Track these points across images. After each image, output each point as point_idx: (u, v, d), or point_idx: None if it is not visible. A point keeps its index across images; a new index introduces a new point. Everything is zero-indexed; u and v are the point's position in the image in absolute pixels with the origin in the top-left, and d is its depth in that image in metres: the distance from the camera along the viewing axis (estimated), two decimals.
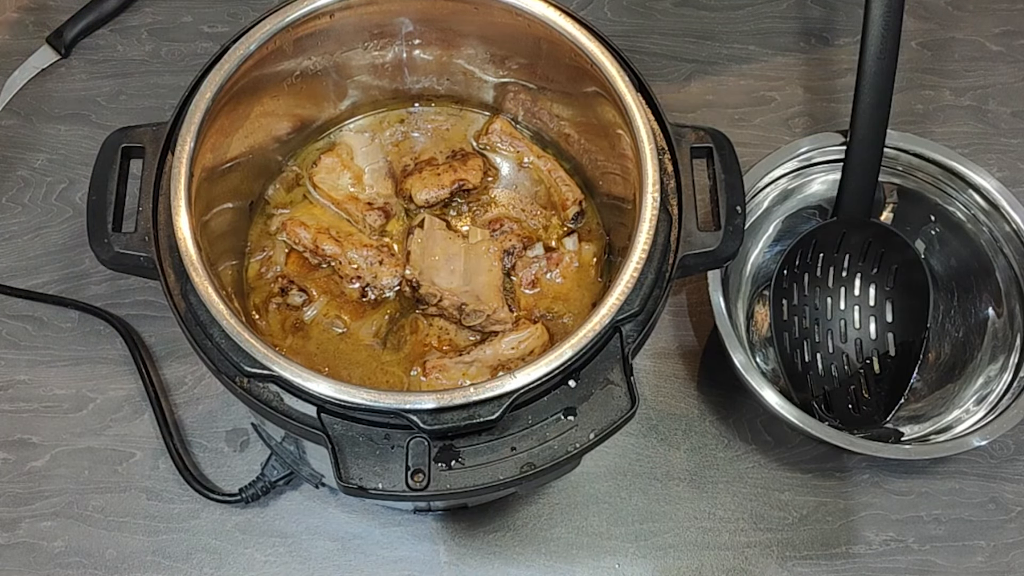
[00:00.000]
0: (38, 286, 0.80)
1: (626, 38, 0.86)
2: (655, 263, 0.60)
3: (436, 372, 0.66)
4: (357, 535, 0.73)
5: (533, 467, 0.55)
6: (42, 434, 0.76)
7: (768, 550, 0.74)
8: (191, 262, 0.59)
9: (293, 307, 0.70)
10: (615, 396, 0.56)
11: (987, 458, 0.78)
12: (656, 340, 0.81)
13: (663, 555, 0.74)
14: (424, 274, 0.70)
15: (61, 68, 0.90)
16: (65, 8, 0.91)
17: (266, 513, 0.74)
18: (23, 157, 0.86)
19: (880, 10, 0.71)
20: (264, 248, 0.73)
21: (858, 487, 0.76)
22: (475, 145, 0.77)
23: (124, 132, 0.65)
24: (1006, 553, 0.75)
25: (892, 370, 0.76)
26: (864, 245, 0.77)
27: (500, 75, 0.74)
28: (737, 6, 0.96)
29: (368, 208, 0.72)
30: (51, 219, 0.83)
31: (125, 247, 0.61)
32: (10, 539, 0.72)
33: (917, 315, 0.75)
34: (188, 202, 0.60)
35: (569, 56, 0.66)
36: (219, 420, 0.76)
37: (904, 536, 0.75)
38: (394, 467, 0.54)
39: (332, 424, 0.56)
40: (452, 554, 0.73)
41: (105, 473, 0.74)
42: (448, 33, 0.72)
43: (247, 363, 0.56)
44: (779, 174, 0.79)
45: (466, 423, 0.55)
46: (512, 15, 0.67)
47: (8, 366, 0.78)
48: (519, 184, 0.76)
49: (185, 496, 0.74)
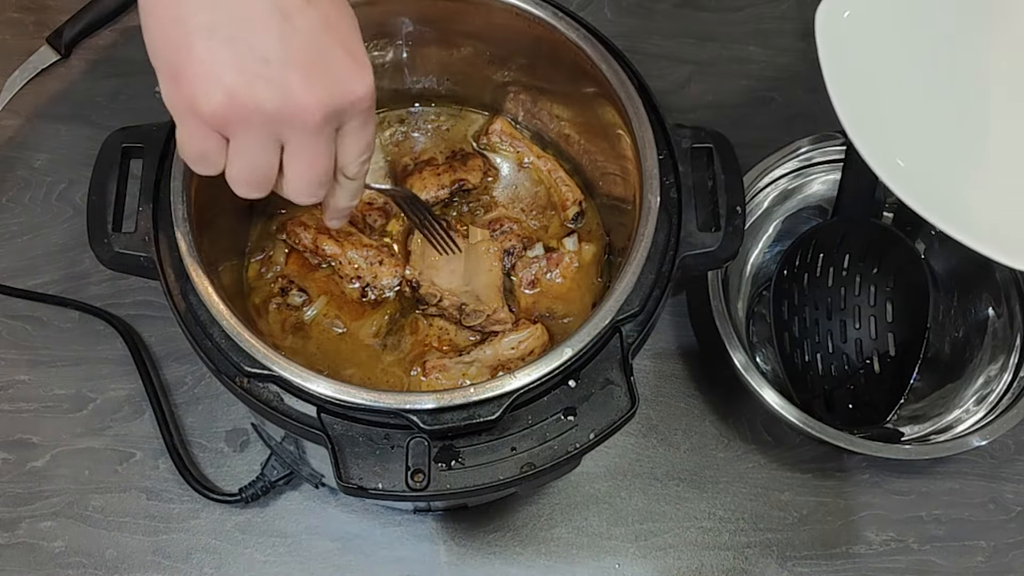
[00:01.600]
0: (38, 286, 0.80)
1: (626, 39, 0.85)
2: (655, 263, 0.60)
3: (436, 372, 0.66)
4: (357, 535, 0.73)
5: (533, 467, 0.55)
6: (42, 434, 0.76)
7: (768, 550, 0.74)
8: (191, 262, 0.59)
9: (293, 307, 0.70)
10: (615, 396, 0.56)
11: (987, 458, 0.78)
12: (656, 340, 0.81)
13: (663, 555, 0.74)
14: (424, 274, 0.70)
15: (61, 68, 0.90)
16: (65, 8, 0.91)
17: (266, 513, 0.74)
18: (23, 157, 0.86)
19: None
20: (264, 248, 0.73)
21: (858, 487, 0.76)
22: (475, 145, 0.77)
23: (124, 132, 0.65)
24: (1006, 553, 0.75)
25: (892, 370, 0.76)
26: (864, 245, 0.77)
27: (500, 75, 0.74)
28: (737, 7, 0.96)
29: (368, 208, 0.72)
30: (51, 219, 0.83)
31: (125, 247, 0.61)
32: (10, 539, 0.72)
33: (917, 315, 0.75)
34: (188, 202, 0.60)
35: (569, 57, 0.66)
36: (219, 420, 0.76)
37: (904, 536, 0.75)
38: (394, 467, 0.54)
39: (332, 424, 0.56)
40: (452, 554, 0.73)
41: (105, 473, 0.74)
42: (448, 33, 0.72)
43: (247, 363, 0.56)
44: (779, 174, 0.79)
45: (466, 423, 0.55)
46: (512, 15, 0.67)
47: (8, 366, 0.78)
48: (519, 184, 0.76)
49: (185, 496, 0.74)
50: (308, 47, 0.45)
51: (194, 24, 0.44)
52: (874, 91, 0.68)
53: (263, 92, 0.44)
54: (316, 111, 0.45)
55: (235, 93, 0.44)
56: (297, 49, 0.44)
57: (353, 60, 0.47)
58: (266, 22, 0.44)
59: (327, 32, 0.46)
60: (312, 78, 0.45)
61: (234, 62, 0.44)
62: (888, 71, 0.69)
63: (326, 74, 0.46)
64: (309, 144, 0.47)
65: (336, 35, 0.46)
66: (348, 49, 0.47)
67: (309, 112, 0.45)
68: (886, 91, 0.68)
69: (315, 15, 0.45)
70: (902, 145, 0.66)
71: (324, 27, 0.46)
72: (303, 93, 0.45)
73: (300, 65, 0.45)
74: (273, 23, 0.44)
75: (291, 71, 0.44)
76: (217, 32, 0.44)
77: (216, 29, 0.44)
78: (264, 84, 0.44)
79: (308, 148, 0.47)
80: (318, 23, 0.45)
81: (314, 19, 0.45)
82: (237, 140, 0.47)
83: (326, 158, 0.49)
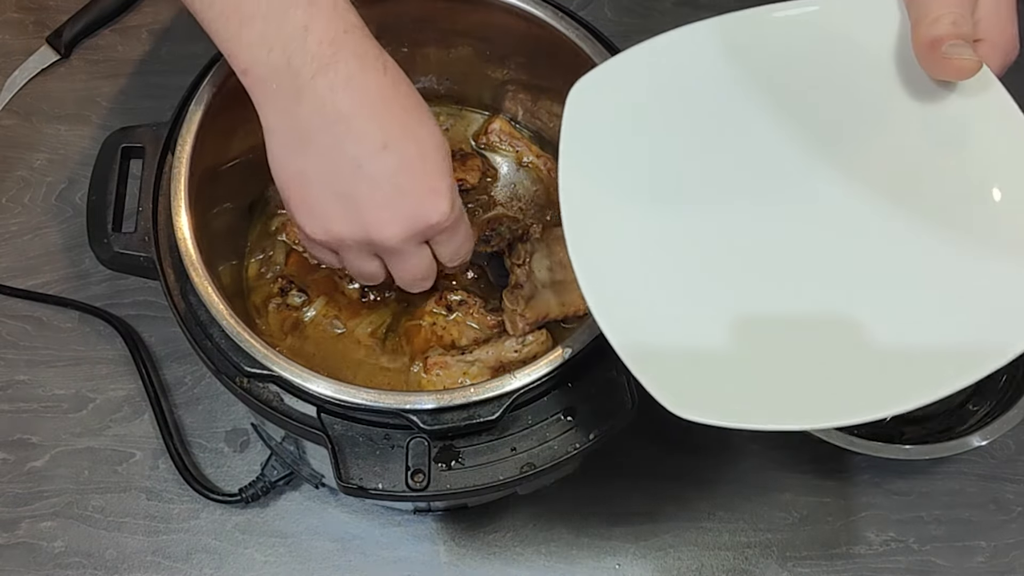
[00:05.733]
0: (38, 286, 0.80)
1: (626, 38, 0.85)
2: None
3: (437, 368, 0.66)
4: (357, 535, 0.73)
5: (533, 467, 0.55)
6: (42, 434, 0.76)
7: (768, 550, 0.74)
8: (191, 262, 0.59)
9: (293, 307, 0.70)
10: (615, 396, 0.56)
11: (987, 458, 0.78)
12: None
13: (663, 555, 0.74)
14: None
15: (61, 68, 0.90)
16: (65, 8, 0.91)
17: (266, 513, 0.74)
18: (23, 157, 0.86)
19: None
20: (264, 248, 0.73)
21: (858, 487, 0.76)
22: (474, 145, 0.77)
23: (124, 132, 0.65)
24: (1006, 553, 0.75)
25: None
26: None
27: (500, 75, 0.74)
28: (737, 6, 0.96)
29: None
30: (51, 219, 0.83)
31: (125, 247, 0.62)
32: (10, 539, 0.72)
33: None
34: (188, 202, 0.60)
35: (569, 56, 0.66)
36: (219, 420, 0.76)
37: (904, 536, 0.75)
38: (394, 467, 0.55)
39: (332, 424, 0.56)
40: (452, 554, 0.73)
41: (105, 473, 0.74)
42: (447, 33, 0.72)
43: (247, 363, 0.56)
44: None
45: (466, 423, 0.55)
46: (512, 15, 0.67)
47: (8, 366, 0.78)
48: (518, 183, 0.76)
49: (185, 496, 0.74)
50: (383, 188, 0.54)
51: (309, 174, 0.55)
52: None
53: (345, 229, 0.55)
54: (392, 239, 0.55)
55: (328, 230, 0.56)
56: (370, 191, 0.54)
57: (430, 192, 0.55)
58: (346, 169, 0.54)
59: (403, 172, 0.54)
60: (387, 213, 0.54)
61: (327, 204, 0.55)
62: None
63: (401, 209, 0.54)
64: (398, 258, 0.58)
65: (414, 173, 0.54)
66: (427, 183, 0.55)
67: (387, 239, 0.55)
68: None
69: (391, 160, 0.54)
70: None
71: (400, 168, 0.54)
72: (379, 227, 0.55)
73: (375, 204, 0.54)
74: (349, 171, 0.54)
75: (366, 211, 0.54)
76: (320, 181, 0.55)
77: (320, 179, 0.55)
78: (346, 223, 0.55)
79: (399, 260, 0.58)
80: (394, 166, 0.54)
81: (390, 163, 0.54)
82: (342, 255, 0.59)
83: (417, 265, 0.59)
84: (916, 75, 0.52)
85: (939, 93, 0.52)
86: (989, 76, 0.51)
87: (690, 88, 0.56)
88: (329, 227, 0.56)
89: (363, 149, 0.53)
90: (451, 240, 0.58)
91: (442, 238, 0.58)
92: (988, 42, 0.51)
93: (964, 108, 0.52)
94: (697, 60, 0.56)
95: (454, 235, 0.58)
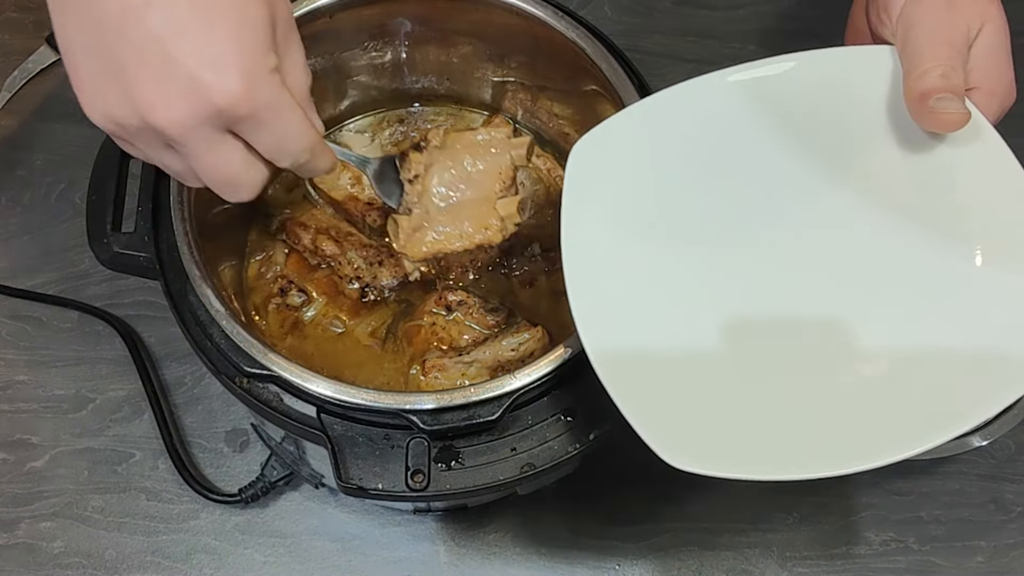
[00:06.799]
0: (38, 286, 0.80)
1: (626, 37, 0.86)
2: None
3: (435, 371, 0.66)
4: (357, 535, 0.73)
5: (533, 467, 0.55)
6: (42, 434, 0.75)
7: (768, 550, 0.74)
8: (191, 262, 0.59)
9: (292, 307, 0.70)
10: None
11: (987, 458, 0.78)
12: None
13: (663, 555, 0.74)
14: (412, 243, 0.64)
15: (61, 68, 0.90)
16: None
17: (266, 513, 0.74)
18: (23, 157, 0.86)
19: None
20: (264, 248, 0.73)
21: (858, 487, 0.76)
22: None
23: None
24: (1006, 553, 0.75)
25: None
26: None
27: (499, 74, 0.74)
28: (737, 5, 0.96)
29: (368, 208, 0.72)
30: (51, 219, 0.83)
31: (125, 247, 0.62)
32: (10, 539, 0.72)
33: None
34: (188, 202, 0.60)
35: (569, 55, 0.66)
36: (219, 420, 0.76)
37: (904, 536, 0.75)
38: (394, 467, 0.54)
39: (332, 424, 0.56)
40: (452, 554, 0.73)
41: (105, 473, 0.74)
42: (447, 32, 0.72)
43: (247, 363, 0.56)
44: None
45: (466, 423, 0.55)
46: (512, 14, 0.67)
47: (8, 366, 0.78)
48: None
49: (185, 496, 0.74)
50: (148, 57, 0.41)
51: (72, 40, 0.43)
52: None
53: (118, 110, 0.42)
54: (171, 125, 0.42)
55: (104, 112, 0.43)
56: (135, 61, 0.41)
57: (211, 63, 0.42)
58: (110, 32, 0.41)
59: (173, 36, 0.41)
60: (155, 88, 0.42)
61: (97, 80, 0.43)
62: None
63: (171, 85, 0.42)
64: (189, 151, 0.44)
65: (186, 36, 0.41)
66: (206, 50, 0.42)
67: (165, 125, 0.42)
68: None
69: (156, 18, 0.41)
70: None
71: (169, 30, 0.41)
72: (150, 108, 0.42)
73: (143, 78, 0.41)
74: (113, 34, 0.41)
75: (133, 87, 0.42)
76: (84, 50, 0.43)
77: (83, 47, 0.43)
78: (118, 103, 0.42)
79: (191, 155, 0.45)
80: (159, 26, 0.41)
81: (154, 22, 0.41)
82: (136, 147, 0.46)
83: (216, 164, 0.45)
84: (909, 123, 0.53)
85: (930, 141, 0.53)
86: (982, 123, 0.51)
87: (685, 138, 0.58)
88: (105, 109, 0.43)
89: (123, 3, 0.41)
90: (262, 131, 0.45)
91: (246, 128, 0.44)
92: (984, 89, 0.51)
93: (954, 157, 0.52)
94: (688, 117, 0.58)
95: (263, 124, 0.45)
